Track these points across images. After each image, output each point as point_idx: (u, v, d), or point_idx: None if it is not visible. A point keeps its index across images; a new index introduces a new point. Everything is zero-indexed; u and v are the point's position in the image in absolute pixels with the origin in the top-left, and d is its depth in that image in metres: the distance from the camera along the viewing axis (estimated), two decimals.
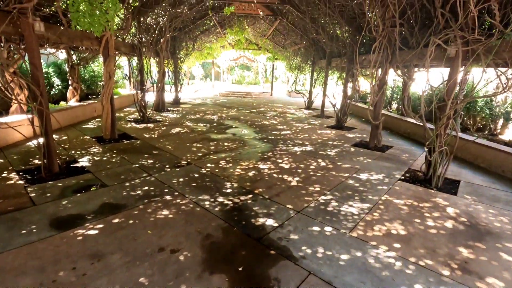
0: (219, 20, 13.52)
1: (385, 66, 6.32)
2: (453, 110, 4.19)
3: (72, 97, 8.43)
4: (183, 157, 5.41)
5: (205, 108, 12.51)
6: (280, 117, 10.92)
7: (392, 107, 12.34)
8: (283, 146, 6.58)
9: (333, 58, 10.41)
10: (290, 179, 4.56)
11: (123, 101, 11.43)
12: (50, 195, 3.61)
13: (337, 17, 7.83)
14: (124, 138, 6.57)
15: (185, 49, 13.61)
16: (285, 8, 10.77)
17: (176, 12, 9.46)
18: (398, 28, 5.29)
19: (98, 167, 4.66)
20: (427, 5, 4.93)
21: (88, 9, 3.49)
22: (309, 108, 13.41)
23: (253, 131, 8.04)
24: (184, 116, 9.95)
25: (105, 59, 5.96)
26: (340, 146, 6.82)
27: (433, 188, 4.44)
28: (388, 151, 6.54)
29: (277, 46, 17.12)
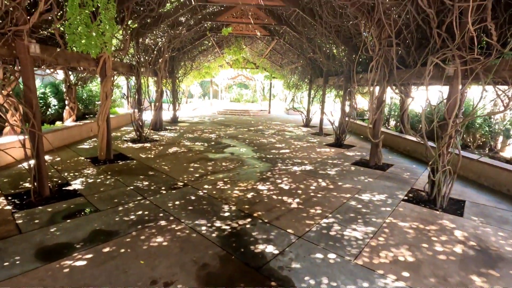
0: (217, 40, 13.75)
1: (383, 85, 6.33)
2: (455, 128, 4.12)
3: (69, 117, 8.35)
4: (180, 178, 5.26)
5: (203, 126, 12.47)
6: (279, 135, 10.86)
7: (390, 124, 12.35)
8: (282, 165, 6.45)
9: (330, 76, 10.50)
10: (290, 201, 4.40)
11: (121, 120, 11.37)
12: (38, 221, 3.43)
13: (333, 37, 7.95)
14: (120, 159, 6.43)
15: (184, 68, 13.75)
16: (282, 29, 10.99)
17: (175, 33, 9.60)
18: (394, 47, 5.32)
19: (91, 190, 4.49)
20: (423, 25, 4.99)
21: (84, 31, 3.47)
22: (307, 126, 13.40)
23: (251, 150, 7.93)
24: (181, 135, 9.87)
25: (102, 79, 5.93)
26: (340, 165, 6.71)
27: (438, 209, 4.30)
28: (389, 169, 6.43)
29: (274, 65, 17.37)
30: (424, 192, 4.90)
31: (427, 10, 4.34)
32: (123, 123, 11.62)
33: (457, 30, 3.88)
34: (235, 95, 25.02)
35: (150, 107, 9.32)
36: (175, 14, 7.91)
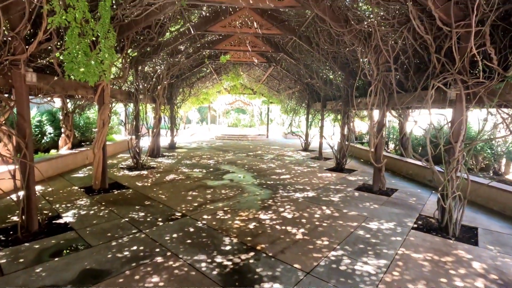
0: (215, 67, 14.00)
1: (382, 109, 6.31)
2: (463, 153, 4.01)
3: (64, 145, 8.19)
4: (178, 208, 5.01)
5: (201, 152, 12.32)
6: (278, 160, 10.71)
7: (390, 147, 12.30)
8: (284, 192, 6.24)
9: (328, 100, 10.58)
10: (295, 231, 4.16)
11: (117, 147, 11.21)
12: (23, 260, 3.15)
13: (330, 63, 8.07)
14: (115, 188, 6.19)
15: (182, 95, 13.85)
16: (279, 56, 11.22)
17: (174, 60, 9.74)
18: (393, 72, 5.36)
19: (83, 223, 4.23)
20: (420, 51, 5.06)
21: (82, 60, 3.41)
22: (306, 150, 13.31)
23: (251, 176, 7.73)
24: (179, 162, 9.68)
25: (100, 107, 5.85)
26: (343, 190, 6.51)
27: (451, 237, 4.07)
28: (393, 195, 6.23)
29: (271, 90, 17.62)
30: (434, 219, 4.68)
31: (424, 36, 4.39)
32: (120, 150, 11.44)
33: (457, 55, 3.90)
34: (233, 120, 25.16)
35: (148, 133, 9.21)
36: (174, 42, 8.05)
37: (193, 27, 7.80)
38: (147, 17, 5.69)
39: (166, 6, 5.69)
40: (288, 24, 7.98)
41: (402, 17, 4.89)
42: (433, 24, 4.42)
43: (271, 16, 7.86)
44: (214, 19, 7.83)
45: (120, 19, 5.38)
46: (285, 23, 7.92)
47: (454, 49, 3.88)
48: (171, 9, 5.76)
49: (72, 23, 3.28)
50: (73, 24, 3.29)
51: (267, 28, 8.11)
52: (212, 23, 7.89)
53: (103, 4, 3.55)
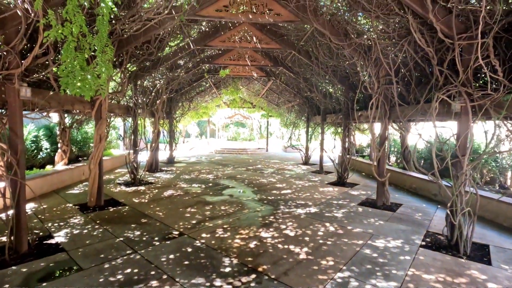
0: (215, 81, 14.04)
1: (384, 122, 6.22)
2: (472, 166, 3.88)
3: (60, 160, 8.03)
4: (175, 226, 4.81)
5: (200, 166, 12.14)
6: (278, 174, 10.53)
7: (391, 160, 12.16)
8: (285, 208, 6.05)
9: (328, 114, 10.53)
10: (298, 250, 3.96)
11: (115, 162, 11.04)
12: (8, 286, 2.94)
13: (329, 76, 8.06)
14: (111, 205, 5.99)
15: (181, 109, 13.82)
16: (278, 70, 11.27)
17: (173, 75, 9.74)
18: (395, 85, 5.30)
19: (75, 244, 4.02)
20: (421, 63, 5.01)
21: (78, 74, 3.32)
22: (306, 164, 13.15)
23: (251, 191, 7.54)
24: (178, 177, 9.49)
25: (97, 122, 5.75)
26: (346, 205, 6.32)
27: (462, 256, 3.87)
28: (398, 210, 6.04)
29: (271, 104, 17.64)
30: (443, 236, 4.48)
31: (426, 49, 4.35)
32: (118, 164, 11.27)
33: (461, 67, 3.83)
34: (232, 133, 25.11)
35: (146, 147, 9.08)
36: (174, 57, 8.05)
37: (192, 42, 7.82)
38: (146, 32, 5.68)
39: (165, 21, 5.69)
40: (287, 38, 8.02)
41: (402, 30, 4.88)
42: (434, 36, 4.40)
43: (270, 30, 7.91)
44: (214, 34, 7.86)
45: (119, 34, 5.36)
46: (284, 37, 7.96)
47: (458, 61, 3.82)
48: (170, 24, 5.76)
49: (69, 37, 3.21)
50: (70, 38, 3.22)
51: (266, 43, 8.14)
52: (212, 38, 7.92)
53: (101, 19, 3.50)
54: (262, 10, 5.95)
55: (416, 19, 4.31)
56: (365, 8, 4.72)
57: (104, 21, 3.54)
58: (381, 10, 4.55)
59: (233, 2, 5.90)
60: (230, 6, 5.89)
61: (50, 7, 3.53)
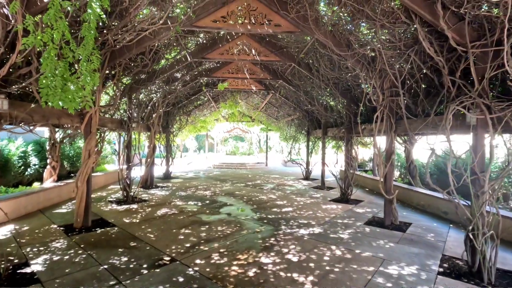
0: (213, 95, 13.85)
1: (390, 135, 5.92)
2: (495, 185, 3.53)
3: (49, 177, 7.63)
4: (167, 251, 4.38)
5: (197, 182, 11.72)
6: (279, 190, 10.12)
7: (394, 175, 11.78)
8: (287, 228, 5.63)
9: (329, 127, 10.24)
10: (303, 280, 3.54)
11: (109, 178, 10.62)
12: None
13: (331, 89, 7.82)
14: (99, 225, 5.56)
15: (179, 123, 13.55)
16: (277, 83, 11.08)
17: (170, 88, 9.51)
18: (402, 97, 5.02)
19: (53, 273, 3.59)
20: (429, 74, 4.75)
21: (59, 84, 3.02)
22: (307, 179, 12.74)
23: (250, 209, 7.12)
24: (173, 193, 9.06)
25: (86, 136, 5.41)
26: (352, 225, 5.90)
27: (487, 285, 3.45)
28: (408, 230, 5.62)
29: (270, 118, 17.42)
30: (462, 262, 4.07)
31: (435, 58, 4.09)
32: (111, 180, 10.84)
33: (476, 77, 3.55)
34: (231, 148, 24.77)
35: (140, 162, 8.70)
36: (170, 70, 7.83)
37: (189, 54, 7.61)
38: (140, 43, 5.45)
39: (160, 32, 5.47)
40: (287, 51, 7.83)
41: (409, 39, 4.65)
42: (443, 45, 4.16)
43: (269, 43, 7.73)
44: (212, 46, 7.67)
45: (111, 45, 5.12)
46: (283, 49, 7.77)
47: (473, 71, 3.54)
48: (166, 35, 5.54)
49: (49, 44, 2.92)
50: (50, 45, 2.94)
51: (266, 55, 7.95)
52: (209, 50, 7.73)
53: (87, 26, 3.23)
54: (261, 21, 5.75)
55: (424, 27, 4.08)
56: (369, 17, 4.50)
57: (90, 28, 3.27)
58: (387, 19, 4.33)
59: (231, 13, 5.70)
60: (228, 17, 5.70)
61: (33, 14, 3.27)
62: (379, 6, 4.31)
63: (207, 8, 5.44)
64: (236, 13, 5.73)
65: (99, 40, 4.77)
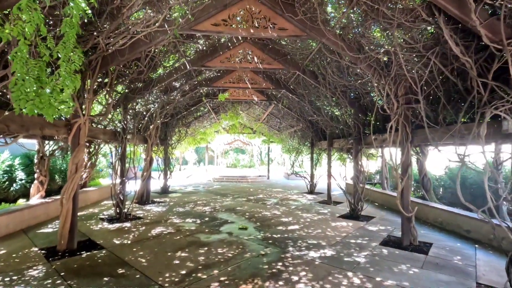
0: (214, 106, 13.46)
1: (406, 146, 5.43)
2: None
3: (36, 193, 7.09)
4: (159, 280, 3.80)
5: (196, 197, 11.12)
6: (283, 205, 9.52)
7: None
8: (295, 250, 5.05)
9: (335, 139, 9.76)
10: None
11: (104, 193, 10.04)
12: None
13: (338, 97, 7.38)
14: (86, 248, 4.99)
15: (178, 135, 13.09)
16: (280, 93, 10.69)
17: (168, 98, 9.10)
18: (422, 104, 4.55)
19: None
20: (451, 77, 4.30)
21: (30, 86, 2.55)
22: (312, 193, 12.15)
23: (253, 228, 6.54)
24: (170, 210, 8.48)
25: (73, 148, 4.92)
26: (367, 246, 5.32)
27: None
28: (431, 251, 5.04)
29: (272, 129, 16.99)
30: None
31: (462, 59, 3.65)
32: (106, 195, 10.23)
33: None
34: (231, 160, 24.22)
35: (135, 176, 8.17)
36: (168, 78, 7.43)
37: (188, 62, 7.23)
38: (134, 47, 5.05)
39: (157, 36, 5.09)
40: (291, 58, 7.45)
41: (428, 40, 4.23)
42: (469, 46, 3.74)
43: (272, 50, 7.36)
44: (212, 54, 7.30)
45: (103, 49, 4.71)
46: (287, 57, 7.39)
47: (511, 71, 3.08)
48: (162, 39, 5.15)
49: (20, 39, 2.48)
50: (22, 41, 2.49)
51: (268, 63, 7.56)
52: (210, 58, 7.35)
53: (69, 21, 2.80)
54: (264, 24, 5.37)
55: (448, 26, 3.66)
56: (385, 16, 4.09)
57: (72, 23, 2.83)
58: (405, 17, 3.92)
59: (232, 16, 5.33)
60: (230, 20, 5.32)
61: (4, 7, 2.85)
62: (397, 4, 3.91)
63: (207, 10, 5.07)
64: (238, 16, 5.36)
65: (88, 42, 4.37)
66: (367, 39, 5.02)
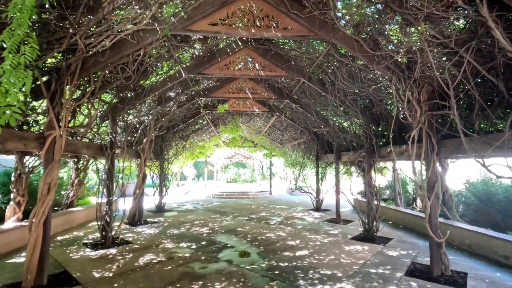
0: (213, 118, 12.84)
1: (431, 159, 4.72)
2: None
3: (12, 215, 6.31)
4: None
5: (193, 216, 10.28)
6: (288, 224, 8.69)
7: (418, 205, 10.39)
8: (307, 283, 4.23)
9: (343, 151, 9.05)
10: None
11: (92, 213, 9.14)
12: None
13: (348, 106, 6.73)
14: (58, 284, 4.19)
15: (175, 149, 12.41)
16: (283, 104, 10.08)
17: (163, 109, 8.48)
18: (455, 109, 3.88)
19: None
20: (490, 77, 3.64)
21: None
22: (318, 210, 11.30)
23: (256, 253, 5.72)
24: (164, 232, 7.65)
25: (46, 165, 4.21)
26: (391, 277, 4.50)
27: None
28: (468, 284, 4.23)
29: (274, 143, 16.32)
30: None
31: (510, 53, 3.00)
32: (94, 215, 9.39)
33: None
34: (232, 175, 23.37)
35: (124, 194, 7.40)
36: (162, 87, 6.81)
37: (184, 69, 6.64)
38: (119, 49, 4.44)
39: (145, 37, 4.49)
40: (295, 64, 6.86)
41: (461, 34, 3.60)
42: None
43: (275, 56, 6.78)
44: (210, 61, 6.71)
45: (82, 50, 4.09)
46: (291, 63, 6.80)
47: None
48: (152, 40, 4.55)
49: None
50: None
51: (271, 70, 6.97)
52: (207, 65, 6.76)
53: (20, 2, 2.16)
54: (267, 23, 4.79)
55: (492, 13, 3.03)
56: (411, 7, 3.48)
57: (24, 6, 2.20)
58: (435, 5, 3.30)
59: (231, 15, 4.75)
60: (228, 19, 4.74)
61: None
62: None
63: (203, 8, 4.50)
64: (237, 15, 4.78)
65: (63, 41, 3.75)
66: (385, 37, 4.40)
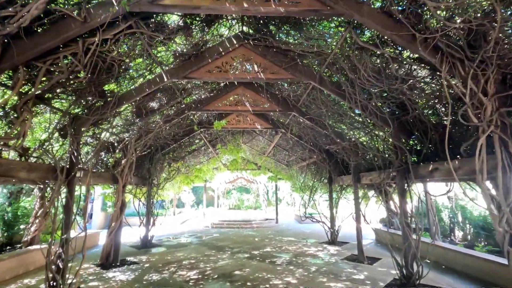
0: (210, 138, 11.51)
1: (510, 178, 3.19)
2: None
3: None
4: None
5: (184, 253, 8.57)
6: (298, 265, 6.95)
7: (457, 236, 8.57)
8: None
9: (362, 172, 7.50)
10: None
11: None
12: None
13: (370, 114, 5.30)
14: None
15: (167, 172, 10.97)
16: (288, 118, 8.73)
17: (147, 125, 7.17)
18: None
19: None
20: None
21: None
22: (334, 243, 9.48)
23: None
24: (140, 278, 5.98)
25: None
26: None
27: None
28: None
29: (279, 164, 14.82)
30: None
31: None
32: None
33: None
34: (234, 201, 21.60)
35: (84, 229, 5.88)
36: (138, 94, 5.53)
37: (165, 72, 5.40)
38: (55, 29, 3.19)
39: (97, 14, 3.25)
40: (303, 65, 5.58)
41: None
42: None
43: (277, 54, 5.52)
44: (198, 62, 5.48)
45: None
46: (298, 62, 5.51)
47: None
48: (106, 18, 3.29)
49: None
50: None
51: (273, 72, 5.69)
52: (194, 68, 5.51)
53: None
54: None
55: None
56: None
57: None
58: None
59: None
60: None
61: None
62: None
63: None
64: None
65: None
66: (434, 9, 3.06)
